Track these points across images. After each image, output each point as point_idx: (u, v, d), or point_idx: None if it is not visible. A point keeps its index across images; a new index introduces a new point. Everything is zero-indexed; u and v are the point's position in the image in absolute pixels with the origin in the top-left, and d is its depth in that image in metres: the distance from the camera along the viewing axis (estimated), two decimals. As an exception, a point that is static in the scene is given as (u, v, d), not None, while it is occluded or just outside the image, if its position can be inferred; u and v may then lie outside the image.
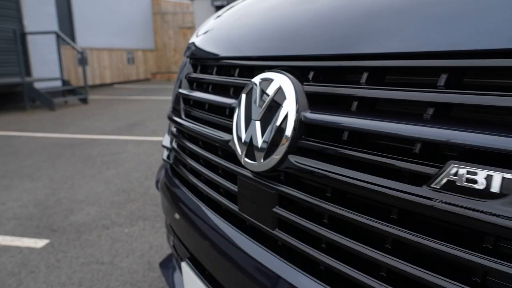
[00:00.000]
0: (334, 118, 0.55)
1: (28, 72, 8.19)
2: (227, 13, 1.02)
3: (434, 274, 0.44)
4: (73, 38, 10.92)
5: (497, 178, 0.38)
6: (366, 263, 0.52)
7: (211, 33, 0.98)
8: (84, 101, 8.24)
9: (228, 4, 12.58)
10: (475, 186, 0.39)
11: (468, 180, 0.40)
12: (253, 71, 0.78)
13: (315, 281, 0.58)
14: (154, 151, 3.99)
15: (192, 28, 16.03)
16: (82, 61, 8.45)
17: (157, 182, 1.25)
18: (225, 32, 0.91)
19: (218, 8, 15.66)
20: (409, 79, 0.53)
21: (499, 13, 0.41)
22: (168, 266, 1.23)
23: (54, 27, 8.94)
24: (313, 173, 0.57)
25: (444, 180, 0.42)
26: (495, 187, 0.38)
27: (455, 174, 0.41)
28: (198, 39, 1.04)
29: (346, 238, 0.53)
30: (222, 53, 0.88)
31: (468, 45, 0.43)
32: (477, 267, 0.41)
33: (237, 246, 0.74)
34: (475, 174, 0.39)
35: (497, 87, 0.42)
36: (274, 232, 0.65)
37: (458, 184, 0.41)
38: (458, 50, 0.44)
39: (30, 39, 8.28)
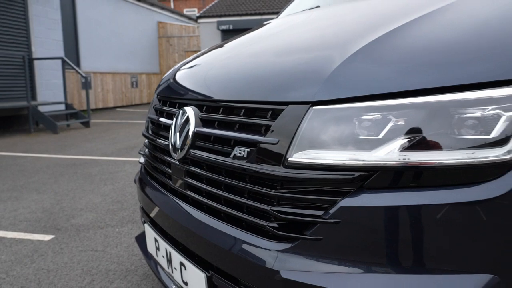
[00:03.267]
0: (209, 130, 1.23)
1: (33, 96, 9.10)
2: (179, 68, 1.73)
3: (235, 196, 1.10)
4: (77, 62, 11.95)
5: (245, 151, 1.05)
6: (216, 198, 1.19)
7: (167, 80, 1.69)
8: (87, 124, 9.08)
9: (233, 28, 13.37)
10: (240, 155, 1.07)
11: (239, 153, 1.07)
12: (184, 105, 1.47)
13: (202, 213, 1.24)
14: (148, 170, 4.68)
15: (197, 52, 17.11)
16: (86, 85, 9.35)
17: (135, 180, 1.93)
18: (173, 81, 1.62)
19: (224, 31, 16.75)
20: (240, 111, 1.21)
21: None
22: (141, 239, 1.89)
23: (61, 52, 9.92)
24: (201, 158, 1.24)
25: (233, 154, 1.09)
26: (245, 155, 1.05)
27: (236, 151, 1.08)
28: (162, 83, 1.75)
29: (212, 188, 1.20)
30: (170, 94, 1.58)
31: (242, 98, 1.11)
32: (243, 188, 1.07)
33: (172, 205, 1.40)
34: (241, 151, 1.07)
35: (254, 116, 1.10)
36: (186, 191, 1.32)
37: (237, 155, 1.08)
38: (246, 100, 1.12)
39: (36, 64, 9.24)
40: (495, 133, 0.83)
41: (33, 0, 9.14)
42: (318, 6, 1.85)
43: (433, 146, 0.86)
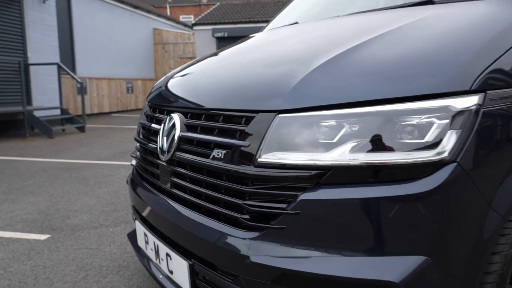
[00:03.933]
0: (192, 134, 1.38)
1: (29, 101, 9.21)
2: (166, 78, 1.89)
3: (210, 190, 1.25)
4: (73, 68, 12.07)
5: (222, 153, 1.21)
6: (198, 194, 1.34)
7: (158, 89, 1.84)
8: (82, 129, 9.20)
9: (227, 36, 13.56)
10: (218, 156, 1.22)
11: (217, 155, 1.22)
12: (171, 112, 1.62)
13: (186, 209, 1.39)
14: (142, 174, 4.82)
15: (192, 58, 17.28)
16: (82, 90, 9.48)
17: (127, 180, 2.08)
18: (163, 89, 1.77)
19: (219, 39, 16.95)
20: (219, 118, 1.36)
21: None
22: (133, 235, 2.04)
23: (56, 58, 10.05)
24: (185, 159, 1.39)
25: (212, 155, 1.24)
26: (222, 156, 1.21)
27: (215, 153, 1.23)
28: (152, 91, 1.91)
29: (195, 186, 1.35)
30: (159, 102, 1.73)
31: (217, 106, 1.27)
32: (220, 186, 1.23)
33: (160, 203, 1.55)
34: (219, 153, 1.22)
35: (230, 122, 1.25)
36: (172, 189, 1.47)
37: (215, 156, 1.23)
38: (224, 108, 1.28)
39: (32, 69, 9.36)
40: (428, 137, 0.99)
41: (29, 7, 9.29)
42: (296, 22, 2.02)
43: (378, 148, 1.01)
